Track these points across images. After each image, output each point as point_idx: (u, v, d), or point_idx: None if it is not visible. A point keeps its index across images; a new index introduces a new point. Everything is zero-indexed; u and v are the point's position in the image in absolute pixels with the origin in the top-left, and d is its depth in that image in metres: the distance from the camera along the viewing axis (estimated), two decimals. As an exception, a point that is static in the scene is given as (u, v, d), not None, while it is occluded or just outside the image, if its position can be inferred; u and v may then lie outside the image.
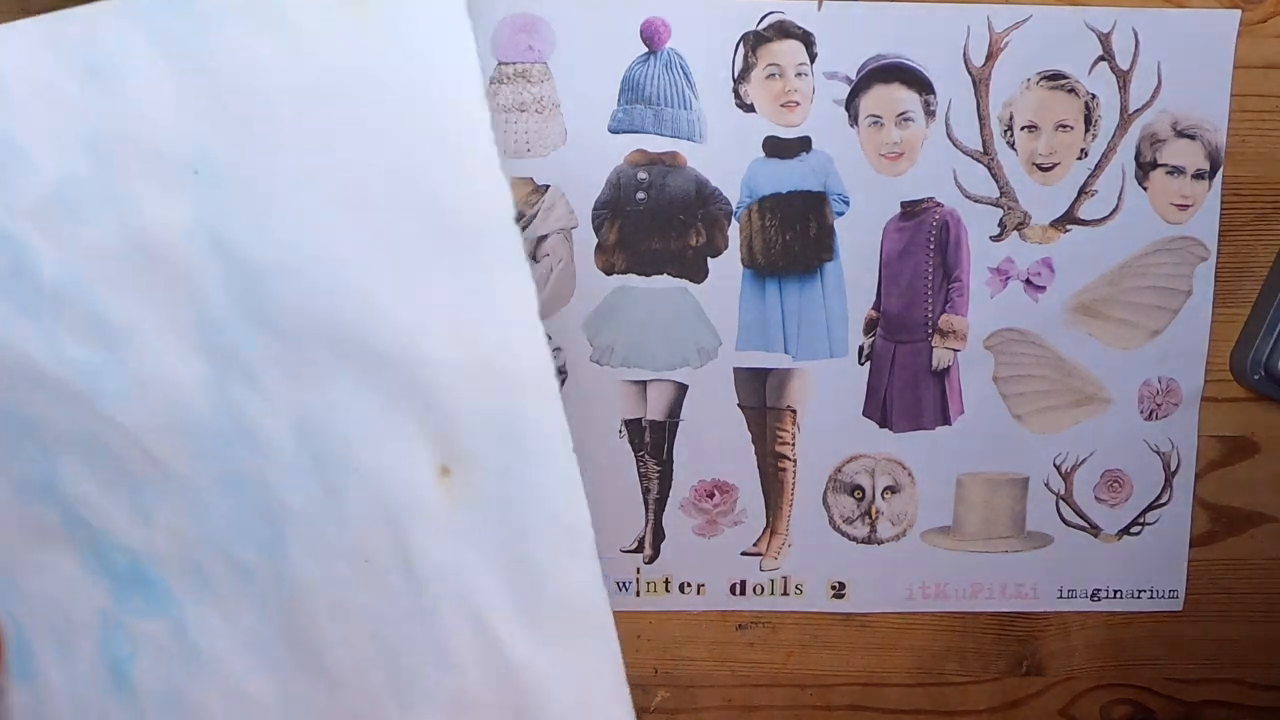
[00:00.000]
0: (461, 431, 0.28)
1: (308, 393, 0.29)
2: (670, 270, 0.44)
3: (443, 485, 0.29)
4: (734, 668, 0.48)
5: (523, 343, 0.27)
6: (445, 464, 0.28)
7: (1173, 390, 0.46)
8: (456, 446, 0.28)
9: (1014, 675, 0.48)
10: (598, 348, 0.45)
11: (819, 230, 0.44)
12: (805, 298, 0.45)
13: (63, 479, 0.31)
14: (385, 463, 0.29)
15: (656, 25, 0.43)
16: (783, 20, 0.43)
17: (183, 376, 0.30)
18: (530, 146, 0.43)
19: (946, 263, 0.45)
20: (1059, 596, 0.47)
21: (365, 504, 0.29)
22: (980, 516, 0.47)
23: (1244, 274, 0.45)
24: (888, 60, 0.43)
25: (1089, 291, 0.45)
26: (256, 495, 0.30)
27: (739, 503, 0.46)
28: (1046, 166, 0.44)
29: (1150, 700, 0.49)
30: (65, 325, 0.29)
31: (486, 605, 0.29)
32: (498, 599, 0.29)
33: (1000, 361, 0.46)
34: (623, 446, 0.45)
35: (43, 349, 0.29)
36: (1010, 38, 0.43)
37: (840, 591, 0.47)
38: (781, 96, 0.43)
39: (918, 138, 0.44)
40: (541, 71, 0.43)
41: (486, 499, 0.28)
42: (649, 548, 0.46)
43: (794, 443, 0.46)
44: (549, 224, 0.44)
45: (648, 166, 0.44)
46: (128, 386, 0.30)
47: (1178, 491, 0.47)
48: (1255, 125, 0.44)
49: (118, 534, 0.32)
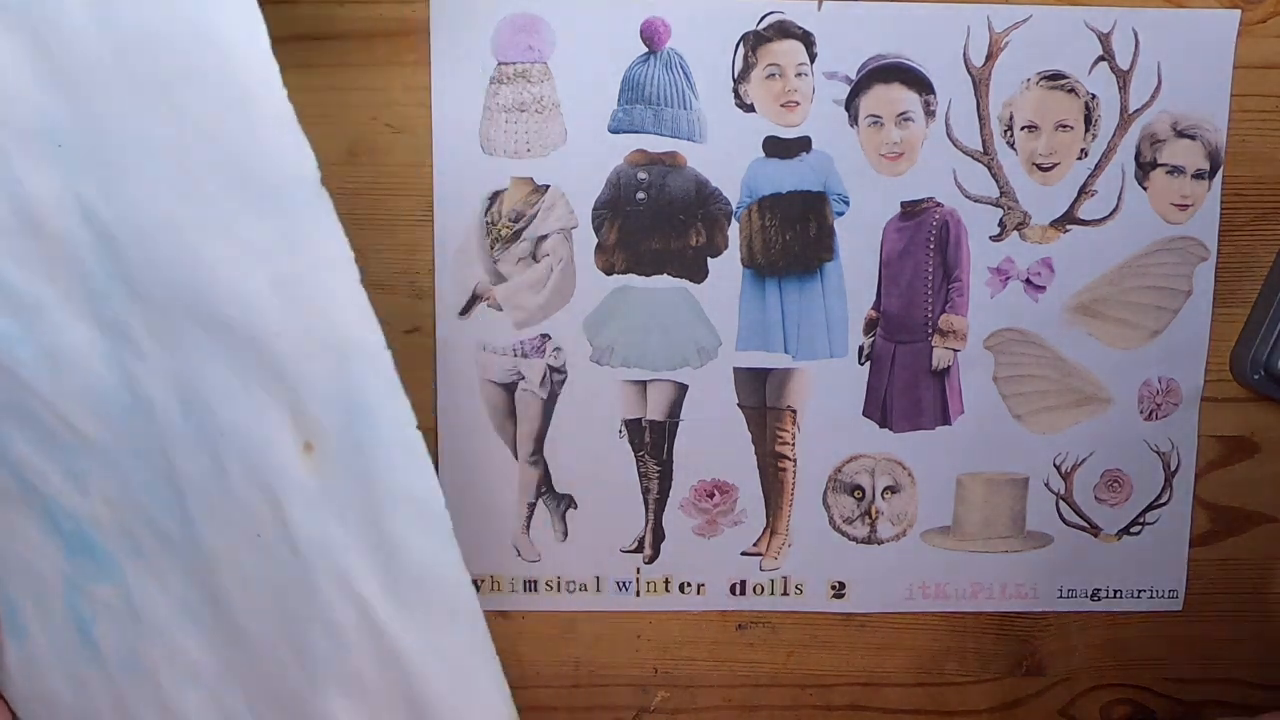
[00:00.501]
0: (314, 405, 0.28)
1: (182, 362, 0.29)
2: (670, 270, 0.44)
3: (307, 461, 0.28)
4: (734, 668, 0.48)
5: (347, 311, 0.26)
6: (309, 440, 0.28)
7: (1173, 390, 0.46)
8: (313, 421, 0.28)
9: (1014, 675, 0.48)
10: (598, 348, 0.45)
11: (819, 230, 0.44)
12: (805, 298, 0.45)
13: (8, 447, 0.32)
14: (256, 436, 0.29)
15: (656, 25, 0.43)
16: (783, 20, 0.43)
17: (84, 346, 0.30)
18: (530, 146, 0.43)
19: (946, 263, 0.45)
20: (1059, 596, 0.47)
21: (246, 477, 0.29)
22: (980, 516, 0.47)
23: (1244, 274, 0.45)
24: (888, 60, 0.43)
25: (1089, 291, 0.45)
26: (161, 463, 0.30)
27: (739, 503, 0.46)
28: (1046, 166, 0.44)
29: (1150, 700, 0.49)
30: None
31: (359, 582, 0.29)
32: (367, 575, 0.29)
33: (1000, 361, 0.46)
34: (623, 446, 0.45)
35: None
36: (1010, 38, 0.43)
37: (840, 591, 0.47)
38: (781, 96, 0.43)
39: (918, 138, 0.44)
40: (541, 71, 0.43)
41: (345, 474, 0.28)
42: (649, 548, 0.46)
43: (794, 443, 0.46)
44: (549, 224, 0.44)
45: (648, 166, 0.44)
46: (40, 356, 0.30)
47: (1178, 491, 0.47)
48: (1255, 125, 0.44)
49: (62, 500, 0.32)
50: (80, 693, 0.35)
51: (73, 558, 0.34)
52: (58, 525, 0.33)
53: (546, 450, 0.45)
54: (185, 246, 0.27)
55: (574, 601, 0.46)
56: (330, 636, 0.30)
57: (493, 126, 0.43)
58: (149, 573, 0.33)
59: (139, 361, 0.29)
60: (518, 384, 0.45)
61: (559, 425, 0.45)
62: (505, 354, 0.44)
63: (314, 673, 0.31)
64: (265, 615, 0.31)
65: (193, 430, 0.29)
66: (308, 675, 0.31)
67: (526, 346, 0.44)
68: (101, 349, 0.30)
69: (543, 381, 0.45)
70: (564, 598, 0.46)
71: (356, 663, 0.30)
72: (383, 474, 0.28)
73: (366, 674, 0.30)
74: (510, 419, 0.45)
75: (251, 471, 0.29)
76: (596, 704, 0.47)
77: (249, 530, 0.30)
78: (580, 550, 0.46)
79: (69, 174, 0.28)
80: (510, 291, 0.44)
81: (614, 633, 0.47)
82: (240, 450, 0.29)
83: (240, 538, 0.30)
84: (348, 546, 0.29)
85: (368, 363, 0.27)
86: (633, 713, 0.48)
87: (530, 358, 0.44)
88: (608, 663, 0.47)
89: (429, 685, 0.30)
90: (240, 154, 0.26)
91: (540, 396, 0.45)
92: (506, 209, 0.43)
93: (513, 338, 0.44)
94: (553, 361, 0.44)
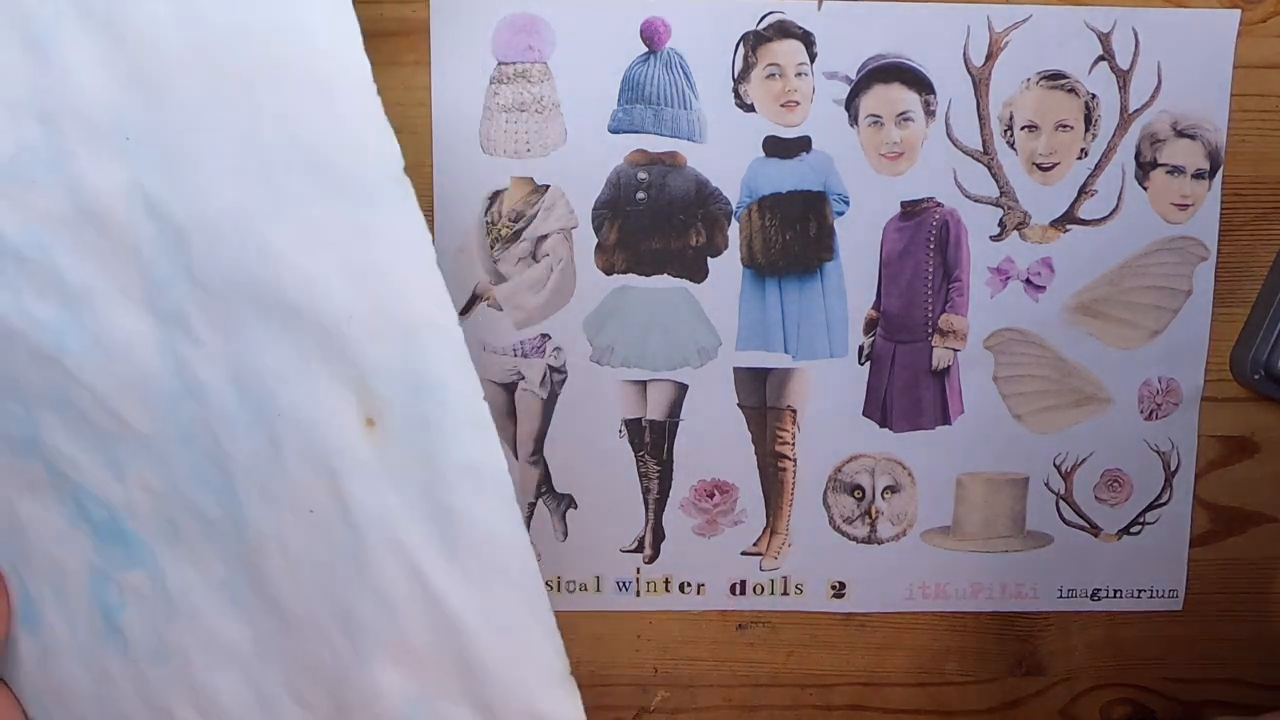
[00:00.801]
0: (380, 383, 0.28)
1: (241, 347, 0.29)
2: (670, 270, 0.44)
3: (369, 436, 0.29)
4: (734, 668, 0.48)
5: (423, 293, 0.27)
6: (370, 416, 0.29)
7: (1173, 390, 0.46)
8: (377, 398, 0.28)
9: (1014, 675, 0.48)
10: (598, 348, 0.45)
11: (819, 230, 0.44)
12: (805, 298, 0.45)
13: (44, 435, 0.32)
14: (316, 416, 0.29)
15: (656, 25, 0.43)
16: (783, 20, 0.43)
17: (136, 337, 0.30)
18: (530, 146, 0.43)
19: (946, 263, 0.45)
20: (1059, 596, 0.47)
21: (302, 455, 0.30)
22: (980, 516, 0.47)
23: (1244, 274, 0.45)
24: (888, 60, 0.43)
25: (1089, 291, 0.45)
26: (210, 448, 0.31)
27: (739, 503, 0.46)
28: (1046, 166, 0.44)
29: (1150, 700, 0.49)
30: (30, 286, 0.30)
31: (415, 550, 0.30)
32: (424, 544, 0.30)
33: (1000, 361, 0.46)
34: (623, 446, 0.45)
35: (12, 309, 0.30)
36: (1010, 38, 0.43)
37: (840, 591, 0.47)
38: (781, 96, 0.43)
39: (918, 138, 0.44)
40: (541, 71, 0.43)
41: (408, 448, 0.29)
42: (649, 548, 0.46)
43: (794, 443, 0.46)
44: (549, 224, 0.44)
45: (648, 166, 0.44)
46: (89, 346, 0.30)
47: (1178, 491, 0.47)
48: (1255, 125, 0.44)
49: (96, 489, 0.32)
50: (101, 681, 0.35)
51: (102, 546, 0.34)
52: (87, 514, 0.33)
53: (546, 450, 0.45)
54: (253, 234, 0.28)
55: (574, 601, 0.46)
56: (381, 606, 0.31)
57: (493, 126, 0.43)
58: (186, 558, 0.33)
59: (194, 348, 0.30)
60: (518, 384, 0.45)
61: (559, 425, 0.45)
62: (505, 354, 0.44)
63: (361, 644, 0.31)
64: (311, 591, 0.32)
65: (247, 413, 0.30)
66: (354, 647, 0.32)
67: (526, 346, 0.44)
68: (154, 338, 0.30)
69: (543, 381, 0.45)
70: (564, 597, 0.46)
71: (408, 631, 0.31)
72: (447, 446, 0.28)
73: (417, 641, 0.31)
74: (510, 419, 0.45)
75: (308, 449, 0.30)
76: (596, 704, 0.47)
77: (301, 507, 0.30)
78: (580, 550, 0.46)
79: (136, 166, 0.28)
80: (510, 291, 0.44)
81: (614, 633, 0.47)
82: (297, 429, 0.29)
83: (290, 515, 0.31)
84: (405, 517, 0.29)
85: (439, 340, 0.28)
86: (633, 713, 0.48)
87: (530, 358, 0.44)
88: (608, 662, 0.47)
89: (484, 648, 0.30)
90: (322, 145, 0.26)
91: (540, 396, 0.45)
92: (506, 209, 0.43)
93: (513, 338, 0.44)
94: (553, 361, 0.44)
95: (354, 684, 0.32)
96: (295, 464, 0.30)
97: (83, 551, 0.34)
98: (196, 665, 0.34)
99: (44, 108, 0.28)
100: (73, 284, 0.30)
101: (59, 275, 0.30)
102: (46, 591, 0.35)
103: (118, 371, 0.30)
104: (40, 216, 0.29)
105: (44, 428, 0.32)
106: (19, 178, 0.29)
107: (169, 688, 0.34)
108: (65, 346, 0.30)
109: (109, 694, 0.35)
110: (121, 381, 0.31)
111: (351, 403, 0.29)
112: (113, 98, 0.28)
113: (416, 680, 0.31)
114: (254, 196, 0.27)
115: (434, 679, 0.31)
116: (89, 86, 0.28)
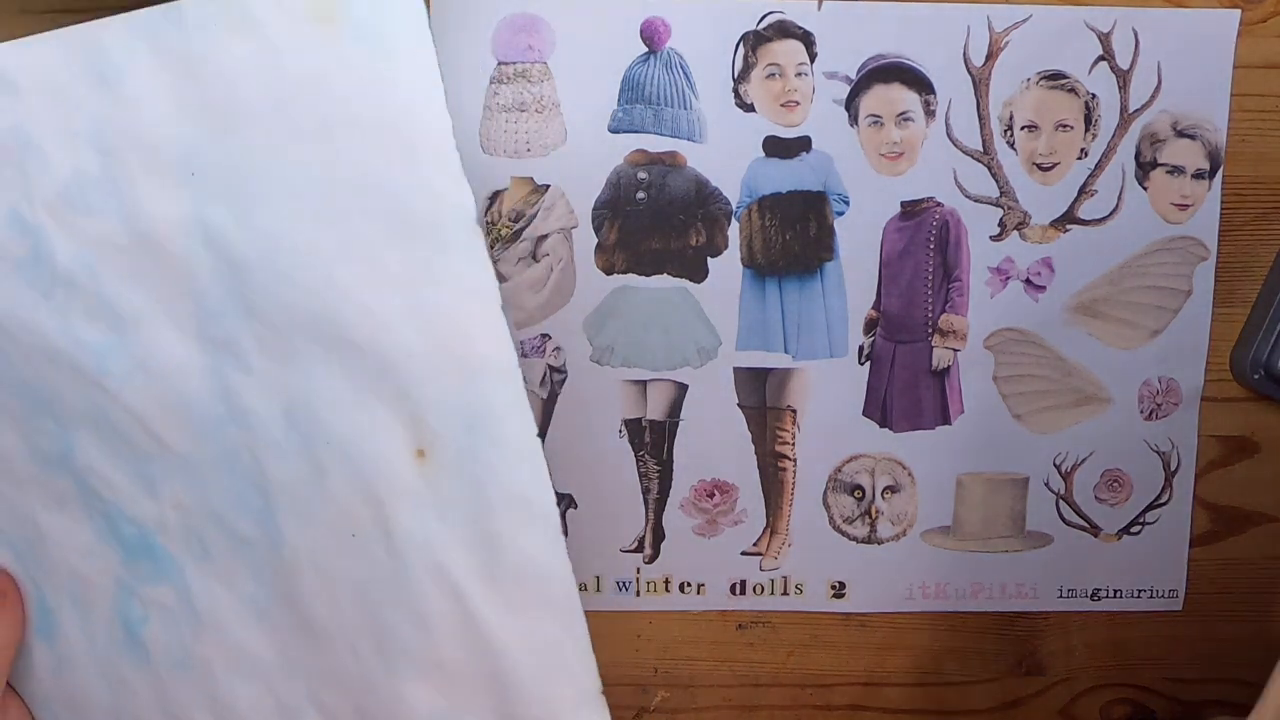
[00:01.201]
0: (433, 417, 0.30)
1: (295, 378, 0.30)
2: (670, 270, 0.44)
3: (419, 466, 0.30)
4: (734, 668, 0.48)
5: (486, 335, 0.29)
6: (421, 447, 0.30)
7: (1173, 390, 0.46)
8: (430, 431, 0.30)
9: (1014, 675, 0.48)
10: (598, 348, 0.45)
11: (819, 230, 0.44)
12: (805, 298, 0.45)
13: (77, 452, 0.33)
14: (367, 446, 0.30)
15: (656, 25, 0.43)
16: (783, 20, 0.43)
17: (182, 362, 0.31)
18: (530, 146, 0.43)
19: (946, 263, 0.45)
20: (1059, 596, 0.47)
21: (349, 482, 0.31)
22: (980, 516, 0.47)
23: (1244, 274, 0.45)
24: (888, 60, 0.43)
25: (1089, 291, 0.45)
26: (251, 471, 0.32)
27: (739, 503, 0.46)
28: (1046, 166, 0.44)
29: (1150, 700, 0.49)
30: (77, 308, 0.31)
31: (458, 574, 0.31)
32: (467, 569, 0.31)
33: (1000, 361, 0.46)
34: (623, 446, 0.45)
35: (57, 329, 0.31)
36: (1010, 37, 0.43)
37: (840, 591, 0.47)
38: (781, 96, 0.43)
39: (918, 138, 0.44)
40: (541, 71, 0.43)
41: (458, 478, 0.30)
42: (649, 548, 0.46)
43: (794, 443, 0.46)
44: (549, 224, 0.44)
45: (648, 166, 0.44)
46: (132, 369, 0.31)
47: (1178, 491, 0.47)
48: (1255, 125, 0.44)
49: (127, 506, 0.33)
50: (118, 690, 0.36)
51: (129, 561, 0.34)
52: (117, 531, 0.34)
53: (546, 450, 0.45)
54: (319, 272, 0.29)
55: (574, 601, 0.46)
56: (417, 625, 0.32)
57: (493, 126, 0.43)
58: (214, 574, 0.34)
59: (243, 376, 0.31)
60: (518, 384, 0.45)
61: (559, 425, 0.45)
62: (505, 354, 0.44)
63: (391, 659, 0.32)
64: (345, 608, 0.32)
65: (293, 439, 0.31)
66: (384, 662, 0.33)
67: (526, 346, 0.44)
68: (200, 363, 0.31)
69: (543, 381, 0.45)
70: (564, 598, 0.46)
71: (442, 649, 0.32)
72: (498, 478, 0.30)
73: (450, 659, 0.32)
74: (510, 419, 0.45)
75: (355, 476, 0.31)
76: (596, 704, 0.47)
77: (342, 530, 0.32)
78: (580, 550, 0.46)
79: (198, 200, 0.29)
80: (510, 291, 0.44)
81: (614, 633, 0.47)
82: (345, 457, 0.31)
83: (330, 537, 0.32)
84: (449, 542, 0.31)
85: (498, 381, 0.29)
86: (633, 713, 0.48)
87: (530, 358, 0.44)
88: (608, 662, 0.47)
89: (517, 667, 0.32)
90: (399, 192, 0.28)
91: (540, 396, 0.45)
92: (506, 209, 0.43)
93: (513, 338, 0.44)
94: (553, 361, 0.44)
95: (380, 695, 0.33)
96: (340, 489, 0.31)
97: (108, 565, 0.35)
98: (219, 675, 0.35)
99: (105, 138, 0.29)
100: (122, 308, 0.31)
101: (108, 300, 0.31)
102: (65, 602, 0.35)
103: (159, 394, 0.31)
104: (93, 242, 0.30)
105: (77, 445, 0.33)
106: (74, 204, 0.30)
107: (189, 697, 0.35)
108: (108, 369, 0.31)
109: (126, 703, 0.36)
110: (162, 403, 0.31)
111: (403, 434, 0.30)
112: (181, 133, 0.29)
113: (445, 695, 0.32)
114: (323, 236, 0.29)
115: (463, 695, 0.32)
116: (156, 121, 0.29)
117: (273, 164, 0.29)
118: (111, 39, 0.28)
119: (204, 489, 0.32)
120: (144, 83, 0.29)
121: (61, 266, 0.30)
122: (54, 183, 0.30)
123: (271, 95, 0.28)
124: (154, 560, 0.34)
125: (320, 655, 0.33)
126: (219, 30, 0.28)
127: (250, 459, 0.32)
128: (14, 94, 0.29)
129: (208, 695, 0.35)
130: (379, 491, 0.31)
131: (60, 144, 0.29)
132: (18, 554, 0.35)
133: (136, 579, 0.34)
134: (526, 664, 0.32)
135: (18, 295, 0.31)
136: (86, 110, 0.29)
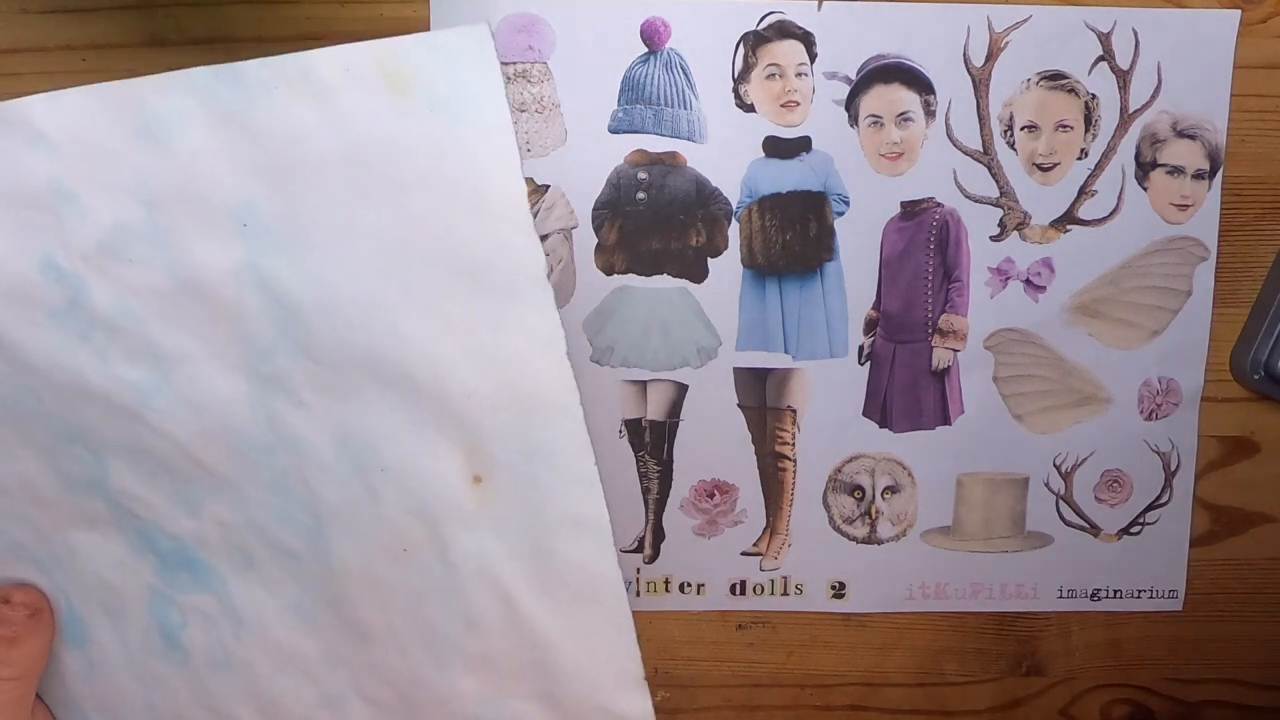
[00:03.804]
0: (492, 446, 0.31)
1: (348, 412, 0.31)
2: (670, 270, 0.44)
3: (475, 491, 0.31)
4: (734, 668, 0.48)
5: (551, 380, 0.30)
6: (478, 474, 0.31)
7: (1173, 390, 0.46)
8: (488, 459, 0.31)
9: (1014, 675, 0.48)
10: (598, 348, 0.45)
11: (819, 230, 0.44)
12: (805, 298, 0.45)
13: (111, 477, 0.33)
14: (422, 473, 0.31)
15: (656, 25, 0.43)
16: (783, 20, 0.43)
17: (229, 396, 0.31)
18: (530, 146, 0.43)
19: (946, 263, 0.45)
20: (1059, 596, 0.47)
21: (402, 505, 0.32)
22: (980, 516, 0.47)
23: (1244, 274, 0.45)
24: (888, 60, 0.43)
25: (1089, 291, 0.45)
26: (299, 491, 0.32)
27: (739, 503, 0.46)
28: (1046, 166, 0.44)
29: (1150, 700, 0.49)
30: (117, 349, 0.31)
31: (509, 582, 0.32)
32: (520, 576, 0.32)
33: (1000, 361, 0.46)
34: (623, 446, 0.45)
35: (95, 368, 0.31)
36: (1010, 38, 0.43)
37: (840, 591, 0.47)
38: (781, 96, 0.43)
39: (918, 138, 0.44)
40: (541, 71, 0.43)
41: (515, 502, 0.31)
42: (649, 548, 0.46)
43: (794, 443, 0.46)
44: (549, 224, 0.44)
45: (648, 166, 0.44)
46: (175, 403, 0.32)
47: (1178, 491, 0.47)
48: (1255, 125, 0.44)
49: (165, 523, 0.34)
50: (154, 690, 0.36)
51: (165, 572, 0.35)
52: (153, 545, 0.34)
53: (546, 450, 0.45)
54: (382, 321, 0.30)
55: (574, 601, 0.46)
56: (468, 628, 0.33)
57: (493, 126, 0.43)
58: (258, 581, 0.34)
59: (294, 409, 0.31)
60: (518, 384, 0.45)
61: (559, 425, 0.45)
62: (505, 354, 0.44)
63: (440, 656, 0.33)
64: (393, 614, 0.33)
65: (346, 466, 0.31)
66: (433, 657, 0.33)
67: (526, 346, 0.44)
68: (246, 397, 0.31)
69: (543, 381, 0.45)
70: (564, 598, 0.46)
71: (491, 647, 0.33)
72: (554, 501, 0.31)
73: (499, 654, 0.33)
74: (510, 419, 0.45)
75: (408, 500, 0.31)
76: (596, 704, 0.47)
77: (394, 547, 0.32)
78: (580, 550, 0.46)
79: (251, 250, 0.30)
80: (510, 291, 0.44)
81: (614, 633, 0.47)
82: (400, 483, 0.31)
83: (382, 555, 0.32)
84: (504, 556, 0.32)
85: (560, 417, 0.30)
86: (633, 713, 0.48)
87: (530, 358, 0.44)
88: (608, 663, 0.47)
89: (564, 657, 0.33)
90: (469, 247, 0.29)
91: (540, 396, 0.45)
92: (506, 209, 0.43)
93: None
94: (553, 361, 0.44)
95: (427, 686, 0.34)
96: (393, 511, 0.32)
97: (142, 576, 0.35)
98: (261, 673, 0.35)
99: (150, 190, 0.29)
100: (165, 348, 0.31)
101: (151, 340, 0.31)
102: (96, 610, 0.36)
103: (203, 426, 0.32)
104: (133, 289, 0.30)
105: (112, 471, 0.33)
106: (116, 253, 0.30)
107: (231, 694, 0.36)
108: (150, 404, 0.32)
109: (163, 701, 0.36)
110: (206, 433, 0.32)
111: (461, 462, 0.31)
112: (231, 184, 0.29)
113: (493, 685, 0.33)
114: (388, 287, 0.29)
115: (509, 683, 0.33)
116: (208, 176, 0.29)
117: (333, 219, 0.29)
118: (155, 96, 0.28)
119: (248, 508, 0.33)
120: (192, 138, 0.29)
121: (101, 312, 0.30)
122: (94, 232, 0.30)
123: (336, 154, 0.28)
124: (193, 571, 0.34)
125: (366, 651, 0.34)
126: (282, 93, 0.28)
127: (300, 482, 0.32)
128: (48, 146, 0.29)
129: (250, 691, 0.35)
130: (433, 513, 0.31)
131: (100, 196, 0.29)
132: (43, 568, 0.35)
133: (174, 589, 0.35)
134: (572, 653, 0.33)
135: (50, 339, 0.31)
136: (130, 163, 0.29)
